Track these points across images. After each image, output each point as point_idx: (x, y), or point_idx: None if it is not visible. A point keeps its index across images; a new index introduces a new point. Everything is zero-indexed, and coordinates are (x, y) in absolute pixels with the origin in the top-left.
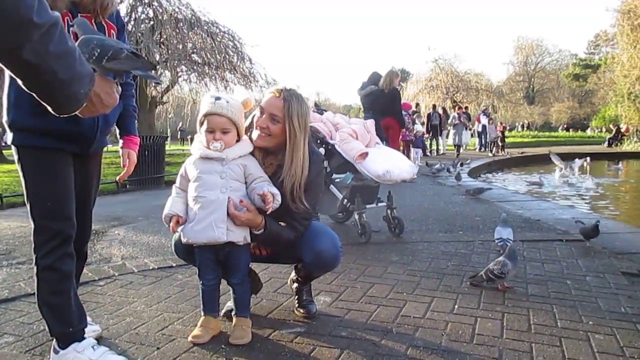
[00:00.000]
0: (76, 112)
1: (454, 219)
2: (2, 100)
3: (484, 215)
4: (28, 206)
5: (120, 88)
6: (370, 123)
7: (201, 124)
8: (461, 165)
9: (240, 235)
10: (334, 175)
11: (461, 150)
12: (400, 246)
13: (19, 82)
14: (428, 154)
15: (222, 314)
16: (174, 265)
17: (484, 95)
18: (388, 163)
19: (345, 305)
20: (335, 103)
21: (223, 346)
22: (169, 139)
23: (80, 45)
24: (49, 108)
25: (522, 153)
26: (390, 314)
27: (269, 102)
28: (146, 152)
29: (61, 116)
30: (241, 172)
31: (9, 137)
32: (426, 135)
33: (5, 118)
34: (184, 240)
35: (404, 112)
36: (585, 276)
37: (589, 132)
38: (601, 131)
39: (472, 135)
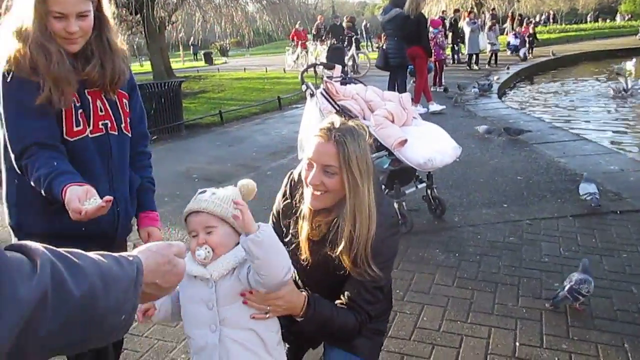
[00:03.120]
0: None
1: (494, 180)
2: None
3: (525, 172)
4: None
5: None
6: (406, 98)
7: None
8: (486, 86)
9: None
10: None
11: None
12: (444, 235)
13: None
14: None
15: None
16: None
17: None
18: (429, 149)
19: (398, 347)
20: (349, 0)
21: None
22: (182, 56)
23: None
24: None
25: (553, 55)
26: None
27: (318, 150)
28: (162, 99)
29: None
30: (238, 289)
31: (14, 241)
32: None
33: (8, 220)
34: None
35: (434, 30)
36: None
37: (618, 19)
38: (631, 18)
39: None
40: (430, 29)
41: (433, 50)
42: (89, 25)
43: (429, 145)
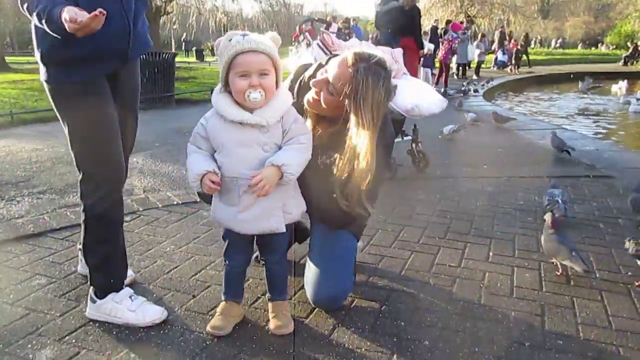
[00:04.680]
0: None
1: (477, 151)
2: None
3: (506, 147)
4: (72, 152)
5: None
6: (398, 52)
7: (228, 70)
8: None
9: (299, 213)
10: None
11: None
12: (426, 183)
13: None
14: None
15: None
16: (199, 200)
17: (499, 10)
18: (417, 97)
19: (379, 251)
20: (343, 14)
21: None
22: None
23: None
24: None
25: (529, 67)
26: (425, 261)
27: (336, 69)
28: (155, 69)
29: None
30: (280, 132)
31: (42, 73)
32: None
33: (36, 53)
34: (225, 226)
35: (453, 35)
36: (618, 218)
37: (602, 49)
38: (615, 48)
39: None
40: (451, 32)
41: (442, 52)
42: None
43: (416, 94)
